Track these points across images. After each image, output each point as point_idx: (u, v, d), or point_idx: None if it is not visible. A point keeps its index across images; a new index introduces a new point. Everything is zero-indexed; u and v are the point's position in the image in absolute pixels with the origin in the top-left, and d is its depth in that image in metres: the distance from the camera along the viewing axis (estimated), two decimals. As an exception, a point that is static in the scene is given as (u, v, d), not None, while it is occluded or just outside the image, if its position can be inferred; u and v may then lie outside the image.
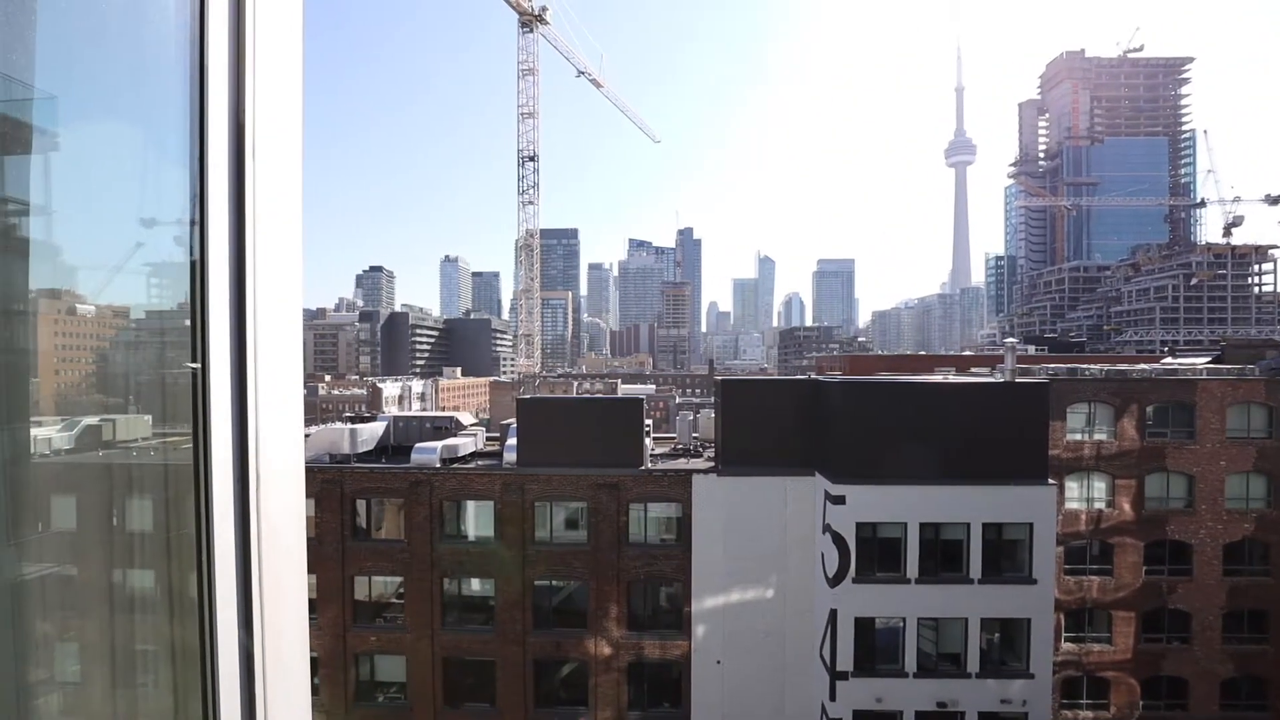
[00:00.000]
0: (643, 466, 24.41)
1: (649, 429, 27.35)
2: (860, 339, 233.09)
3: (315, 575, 24.07)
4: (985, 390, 23.28)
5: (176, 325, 1.29)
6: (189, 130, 1.21)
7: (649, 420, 27.79)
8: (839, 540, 20.99)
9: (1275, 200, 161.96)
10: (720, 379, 27.61)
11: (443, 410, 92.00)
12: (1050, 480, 21.69)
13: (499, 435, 29.86)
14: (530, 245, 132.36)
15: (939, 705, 20.78)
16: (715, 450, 25.95)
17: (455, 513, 24.74)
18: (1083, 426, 25.74)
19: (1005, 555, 21.16)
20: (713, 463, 25.15)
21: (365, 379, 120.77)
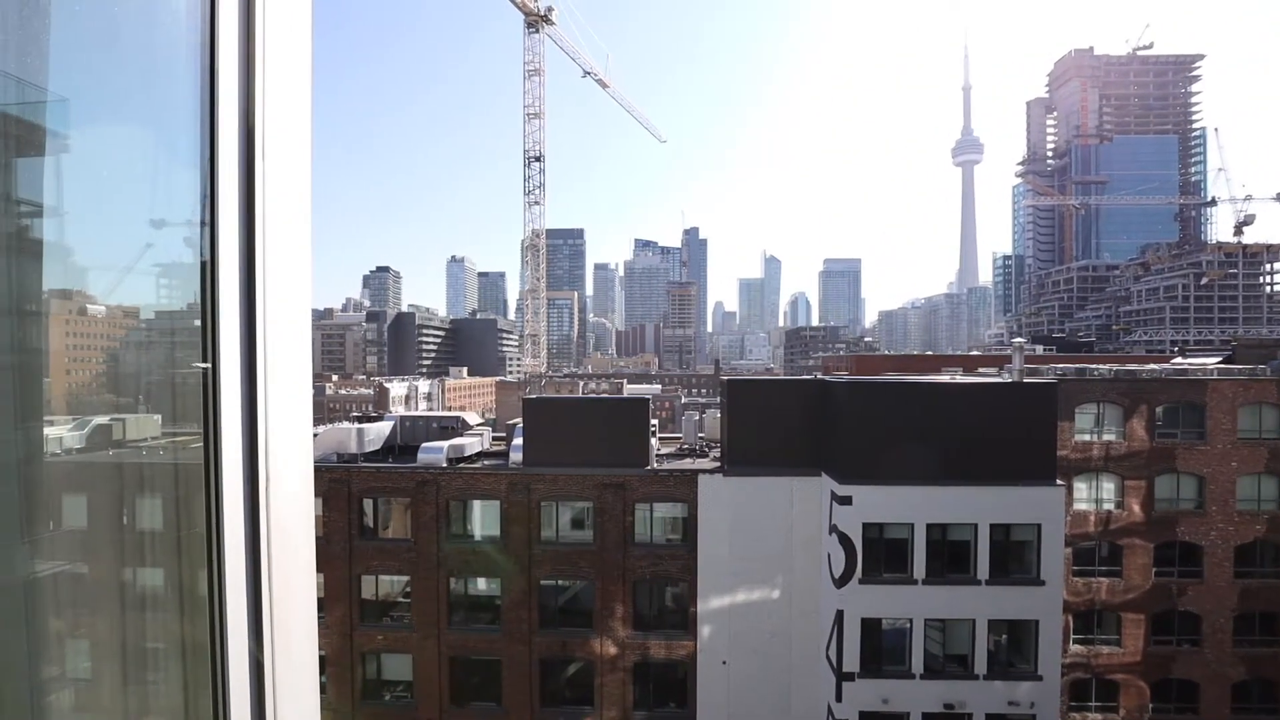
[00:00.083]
0: (648, 466, 24.40)
1: (655, 429, 27.35)
2: (867, 339, 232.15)
3: (322, 574, 24.19)
4: (993, 390, 23.14)
5: (187, 325, 1.30)
6: (200, 132, 1.22)
7: (655, 420, 27.77)
8: (845, 541, 20.92)
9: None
10: (726, 379, 27.56)
11: (449, 410, 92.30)
12: (1059, 481, 21.55)
13: (505, 435, 29.93)
14: (536, 245, 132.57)
15: (946, 707, 20.69)
16: (721, 450, 25.92)
17: (461, 512, 24.80)
18: (1091, 427, 25.56)
19: (1013, 556, 21.02)
20: (718, 463, 25.13)
21: (372, 379, 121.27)
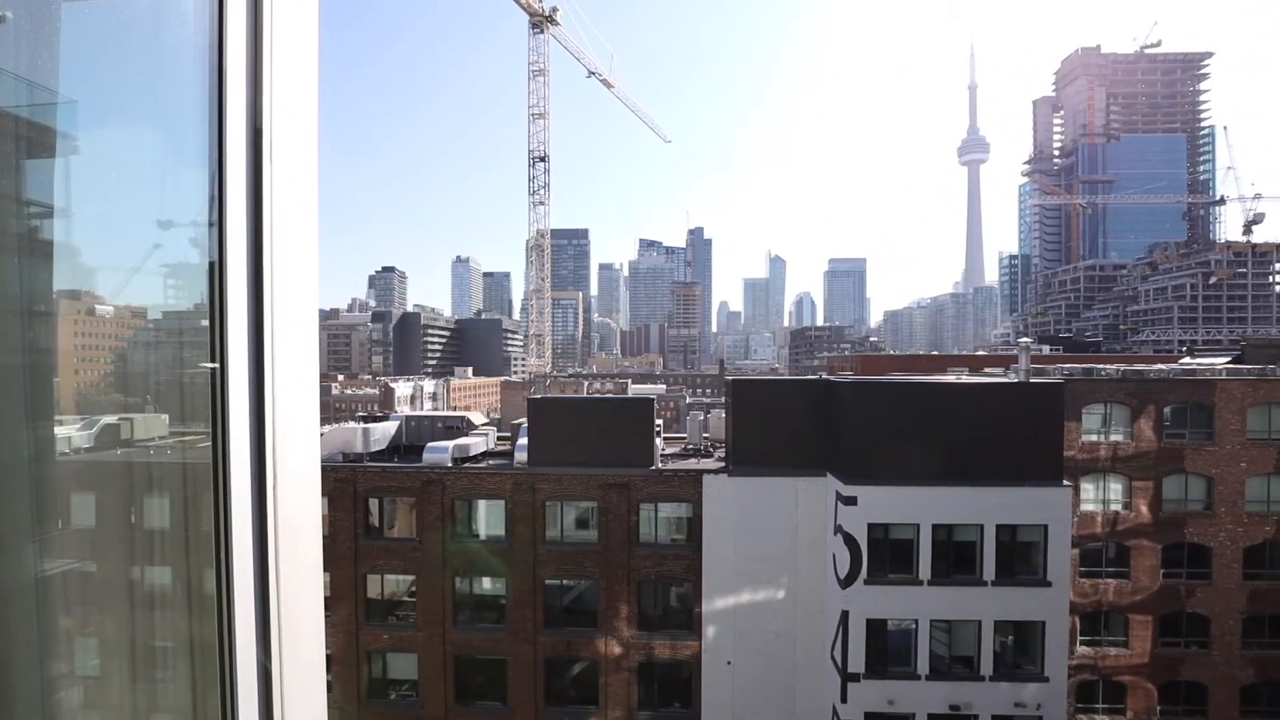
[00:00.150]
0: (653, 466, 24.40)
1: (659, 429, 27.32)
2: (872, 339, 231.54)
3: (328, 573, 24.28)
4: (999, 390, 23.03)
5: (195, 325, 1.30)
6: (207, 134, 1.23)
7: (659, 420, 27.76)
8: (851, 541, 20.87)
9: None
10: (731, 379, 27.53)
11: (454, 410, 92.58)
12: (1065, 482, 21.44)
13: (510, 435, 29.98)
14: (541, 245, 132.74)
15: (952, 708, 20.61)
16: (726, 450, 25.89)
17: (466, 512, 24.86)
18: (1099, 427, 25.41)
19: (1019, 557, 20.93)
20: (723, 463, 25.10)
21: (378, 379, 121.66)
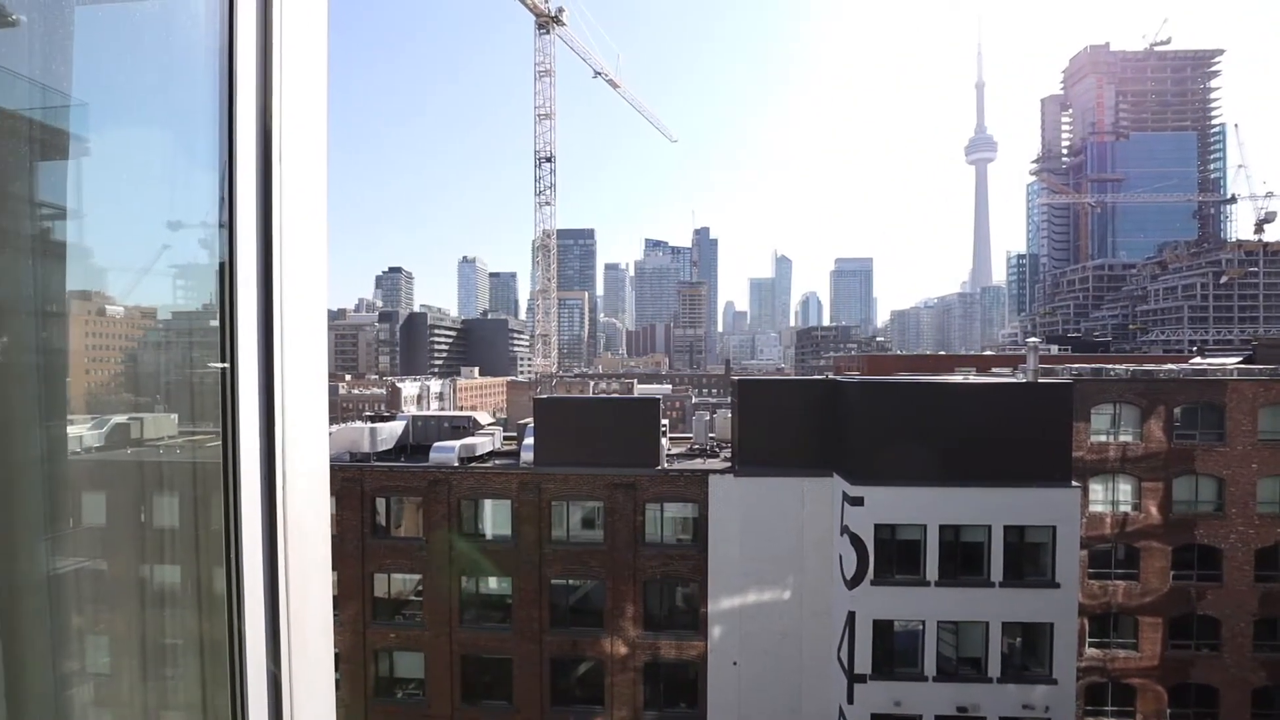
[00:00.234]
0: (659, 466, 24.39)
1: (665, 429, 27.32)
2: (879, 339, 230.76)
3: (335, 572, 24.39)
4: (1007, 391, 22.91)
5: (205, 326, 1.31)
6: (218, 136, 1.24)
7: (665, 420, 27.76)
8: (857, 542, 20.80)
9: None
10: (737, 379, 27.48)
11: (460, 410, 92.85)
12: (1074, 482, 21.30)
13: (516, 435, 30.03)
14: (547, 246, 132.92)
15: (959, 710, 20.51)
16: (732, 450, 25.85)
17: (473, 511, 24.92)
18: (1108, 428, 25.22)
19: (1027, 558, 20.81)
20: (729, 463, 25.06)
21: (384, 379, 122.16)
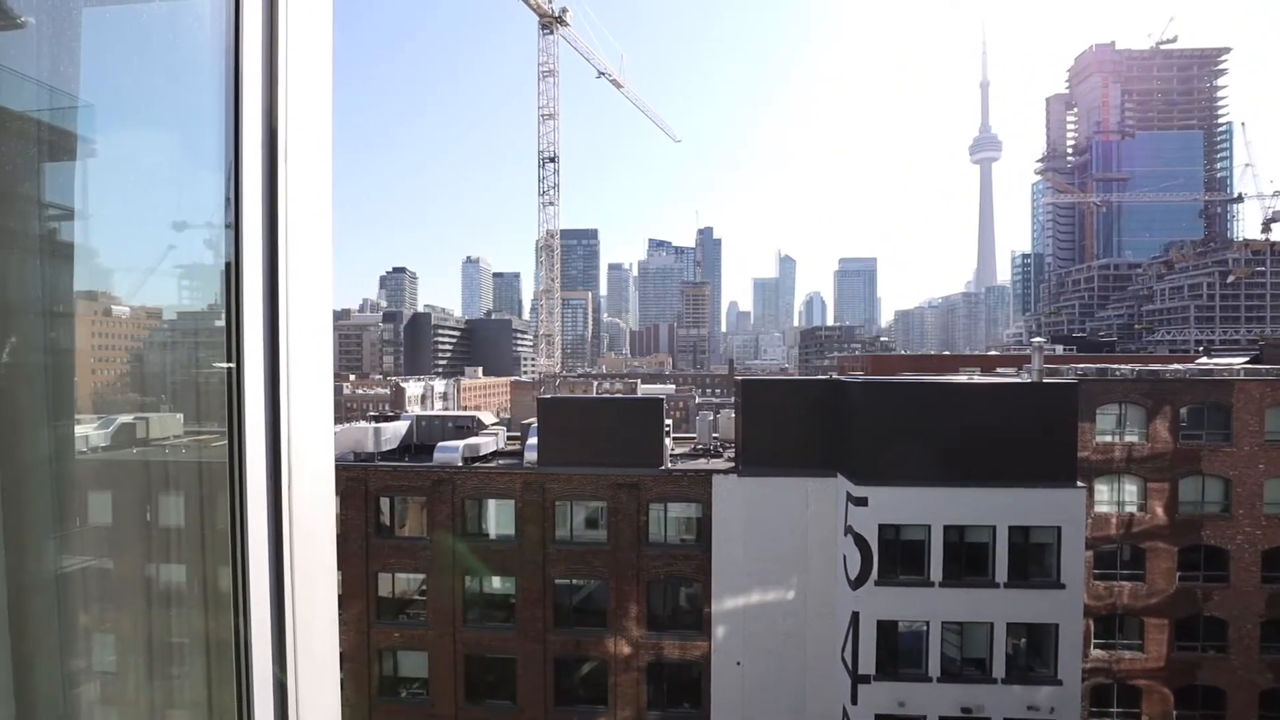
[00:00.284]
0: (662, 466, 24.38)
1: (669, 429, 27.31)
2: (883, 339, 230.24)
3: (340, 571, 24.46)
4: (1012, 391, 22.83)
5: (211, 326, 1.32)
6: (224, 137, 1.24)
7: (669, 420, 27.75)
8: (861, 542, 20.75)
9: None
10: (740, 379, 27.45)
11: (464, 409, 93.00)
12: (1079, 483, 21.21)
13: (520, 434, 30.07)
14: (551, 246, 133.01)
15: (964, 710, 20.45)
16: (735, 450, 25.83)
17: (477, 511, 24.96)
18: (1113, 428, 25.12)
19: (1032, 559, 20.73)
20: (733, 463, 25.05)
21: (389, 378, 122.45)
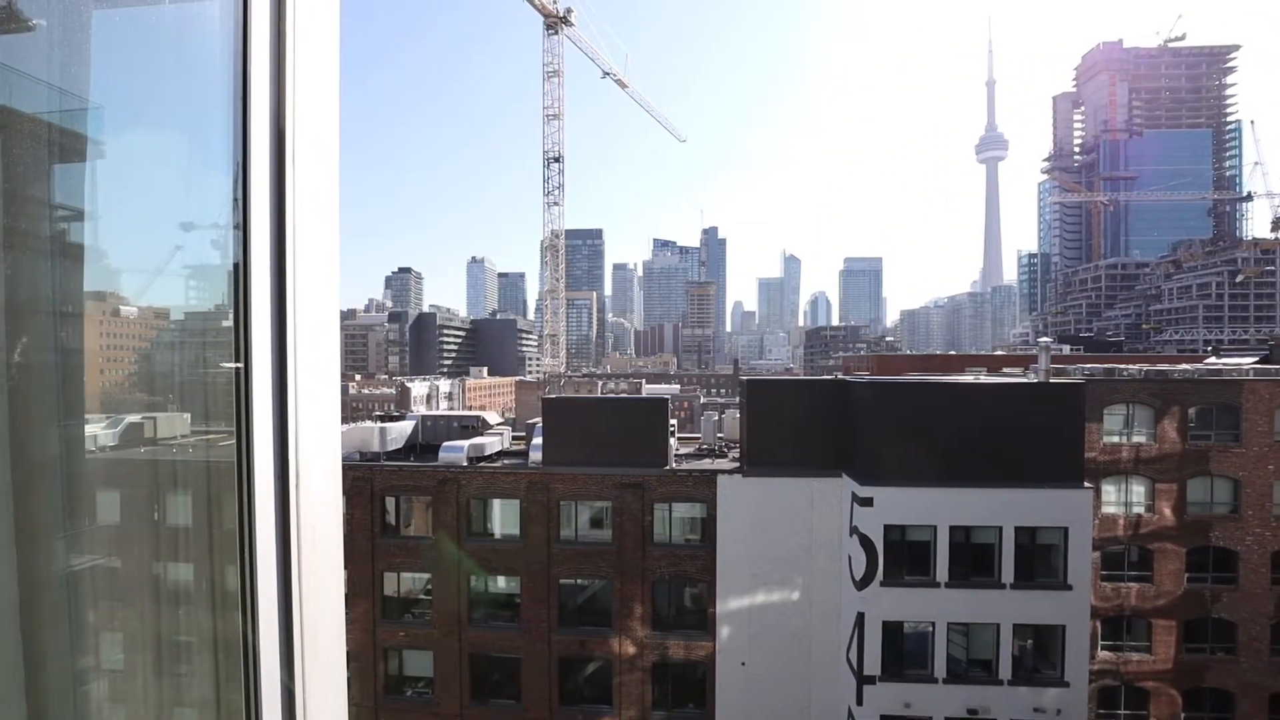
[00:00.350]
0: (667, 466, 24.38)
1: (673, 429, 27.30)
2: (888, 338, 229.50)
3: (346, 571, 24.41)
4: (1018, 391, 22.73)
5: (218, 326, 1.33)
6: (232, 138, 1.25)
7: (673, 420, 27.73)
8: (866, 543, 20.69)
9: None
10: (745, 379, 27.41)
11: (469, 409, 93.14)
12: (1086, 484, 21.09)
13: (525, 434, 30.10)
14: (555, 246, 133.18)
15: (970, 712, 20.36)
16: (740, 450, 25.80)
17: (482, 511, 25.00)
18: (1120, 428, 24.97)
19: (1039, 560, 20.63)
20: (738, 463, 25.01)
21: (394, 378, 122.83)
